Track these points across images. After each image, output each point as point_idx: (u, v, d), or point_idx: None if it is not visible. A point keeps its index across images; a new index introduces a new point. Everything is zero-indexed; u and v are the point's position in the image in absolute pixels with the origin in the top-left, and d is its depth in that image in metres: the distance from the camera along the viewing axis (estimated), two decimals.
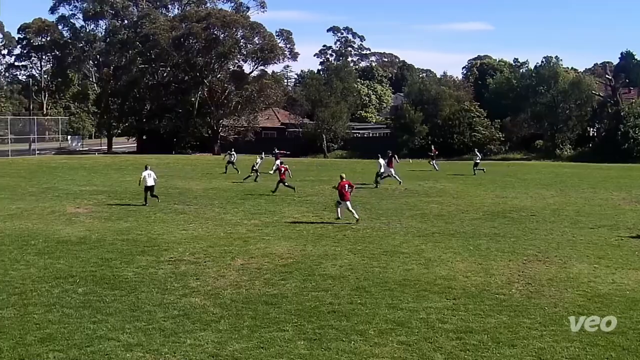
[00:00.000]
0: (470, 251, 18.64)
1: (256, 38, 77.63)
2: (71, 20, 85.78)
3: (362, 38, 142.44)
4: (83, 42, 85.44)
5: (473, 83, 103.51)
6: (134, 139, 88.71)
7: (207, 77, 77.16)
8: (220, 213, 25.68)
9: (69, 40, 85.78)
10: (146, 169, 28.65)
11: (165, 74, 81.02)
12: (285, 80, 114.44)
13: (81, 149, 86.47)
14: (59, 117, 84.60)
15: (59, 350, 11.10)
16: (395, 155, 37.87)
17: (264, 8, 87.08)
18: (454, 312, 13.07)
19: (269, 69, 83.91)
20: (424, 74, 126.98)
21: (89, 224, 23.20)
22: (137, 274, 16.08)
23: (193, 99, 77.70)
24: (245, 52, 78.51)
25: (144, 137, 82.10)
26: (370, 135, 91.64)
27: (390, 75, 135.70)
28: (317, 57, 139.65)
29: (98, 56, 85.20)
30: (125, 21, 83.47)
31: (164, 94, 79.06)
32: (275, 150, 45.69)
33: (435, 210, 26.59)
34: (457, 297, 14.10)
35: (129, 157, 62.69)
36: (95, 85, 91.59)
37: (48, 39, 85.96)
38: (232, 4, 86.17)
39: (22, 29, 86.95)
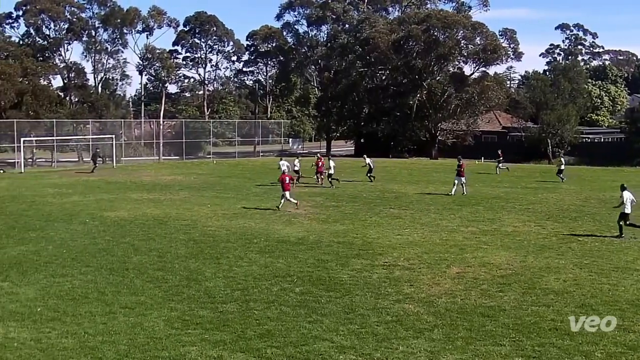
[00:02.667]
0: None
1: (478, 38, 75.87)
2: (295, 26, 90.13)
3: (594, 35, 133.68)
4: (306, 47, 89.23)
5: None
6: (352, 142, 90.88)
7: (426, 79, 76.88)
8: (437, 219, 25.28)
9: (293, 46, 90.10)
10: (281, 159, 38.18)
11: (383, 77, 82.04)
12: (508, 82, 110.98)
13: (301, 151, 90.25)
14: (282, 121, 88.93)
15: (277, 347, 11.45)
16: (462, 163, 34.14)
17: (486, 7, 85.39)
18: None
19: (491, 70, 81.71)
20: None
21: (307, 225, 23.95)
22: (352, 276, 16.21)
23: (411, 102, 77.85)
24: (466, 53, 77.06)
25: (362, 140, 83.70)
26: (602, 140, 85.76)
27: (626, 74, 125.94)
28: (543, 57, 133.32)
29: (319, 60, 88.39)
30: (346, 25, 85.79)
31: (382, 97, 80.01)
32: (318, 154, 46.48)
33: None
34: None
35: (347, 160, 64.17)
36: (316, 89, 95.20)
37: (274, 45, 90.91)
38: (454, 4, 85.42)
39: (250, 36, 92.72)
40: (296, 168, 38.62)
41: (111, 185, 38.22)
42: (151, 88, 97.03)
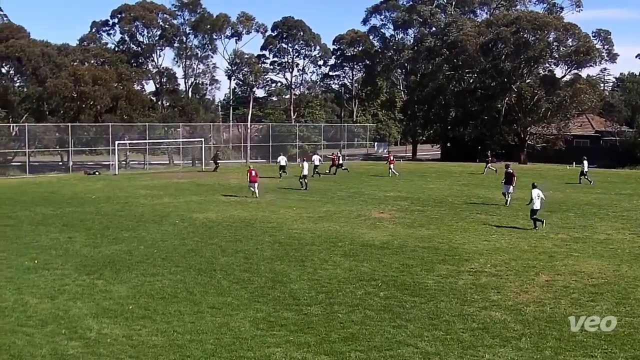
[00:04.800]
0: None
1: (570, 40, 73.59)
2: (381, 30, 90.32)
3: None
4: (392, 51, 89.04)
5: None
6: (438, 146, 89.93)
7: (515, 82, 75.17)
8: (525, 225, 24.65)
9: (379, 50, 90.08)
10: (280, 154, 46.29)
11: (471, 80, 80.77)
12: (602, 85, 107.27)
13: (386, 155, 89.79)
14: (367, 125, 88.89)
15: (360, 351, 11.45)
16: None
17: (579, 7, 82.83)
18: None
19: (584, 72, 79.27)
20: None
21: (392, 229, 23.81)
22: (437, 282, 16.03)
23: (499, 106, 76.28)
24: (557, 56, 74.90)
25: (448, 145, 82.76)
26: None
27: None
28: None
29: (406, 64, 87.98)
30: (433, 28, 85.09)
31: (469, 101, 78.73)
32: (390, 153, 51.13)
33: None
34: None
35: (432, 165, 63.62)
36: (402, 92, 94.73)
37: (360, 49, 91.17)
38: (544, 5, 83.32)
39: (336, 40, 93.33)
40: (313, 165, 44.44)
41: (200, 187, 39.12)
42: (239, 92, 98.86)
